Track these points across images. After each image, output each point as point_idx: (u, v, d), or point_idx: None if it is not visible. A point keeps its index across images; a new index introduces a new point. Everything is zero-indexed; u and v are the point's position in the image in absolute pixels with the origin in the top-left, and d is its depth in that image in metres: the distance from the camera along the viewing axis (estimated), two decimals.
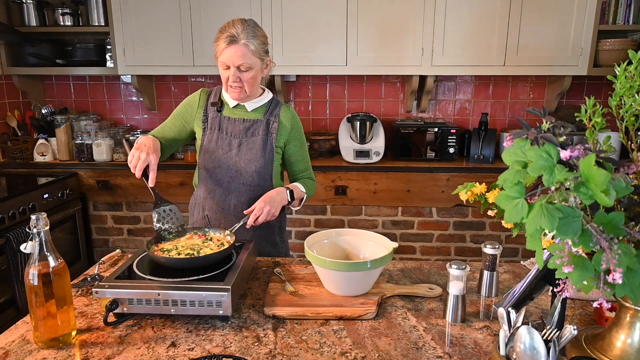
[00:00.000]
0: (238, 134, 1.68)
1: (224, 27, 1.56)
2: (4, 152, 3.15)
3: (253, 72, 1.58)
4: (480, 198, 1.14)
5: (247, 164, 1.66)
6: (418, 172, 2.93)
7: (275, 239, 1.79)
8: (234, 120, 1.68)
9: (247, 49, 1.53)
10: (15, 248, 2.38)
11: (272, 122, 1.69)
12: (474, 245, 3.04)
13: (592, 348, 0.99)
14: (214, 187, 1.70)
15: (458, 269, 1.17)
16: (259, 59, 1.57)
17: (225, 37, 1.52)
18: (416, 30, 2.85)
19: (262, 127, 1.68)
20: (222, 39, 1.53)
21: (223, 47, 1.53)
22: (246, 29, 1.53)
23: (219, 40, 1.55)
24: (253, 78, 1.59)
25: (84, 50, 3.15)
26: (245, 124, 1.68)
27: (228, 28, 1.54)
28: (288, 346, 1.08)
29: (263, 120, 1.69)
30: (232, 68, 1.55)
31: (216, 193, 1.71)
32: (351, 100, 3.37)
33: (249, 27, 1.55)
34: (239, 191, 1.68)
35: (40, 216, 1.04)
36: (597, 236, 0.74)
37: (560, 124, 0.81)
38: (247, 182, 1.68)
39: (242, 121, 1.68)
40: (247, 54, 1.53)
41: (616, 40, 2.81)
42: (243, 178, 1.67)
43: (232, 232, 1.43)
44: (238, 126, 1.68)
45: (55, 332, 1.07)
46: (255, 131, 1.68)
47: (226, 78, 1.59)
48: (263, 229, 1.73)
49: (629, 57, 0.89)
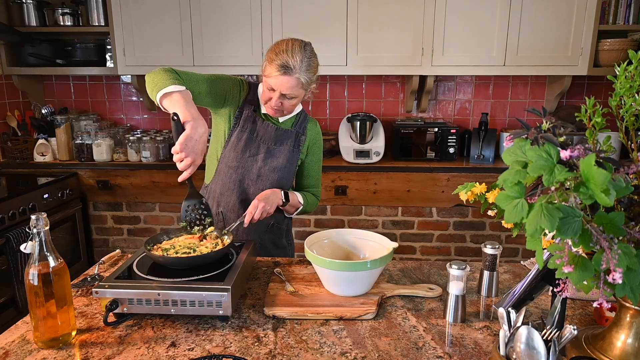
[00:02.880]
0: (268, 140, 1.66)
1: (280, 49, 1.47)
2: (4, 152, 3.15)
3: (296, 100, 1.56)
4: (480, 198, 1.14)
5: (271, 171, 1.66)
6: (418, 172, 2.93)
7: (282, 242, 1.80)
8: (267, 125, 1.66)
9: (298, 82, 1.48)
10: (15, 248, 2.38)
11: (300, 135, 1.70)
12: (474, 245, 3.04)
13: (592, 348, 0.99)
14: (233, 185, 1.67)
15: (458, 269, 1.18)
16: (305, 89, 1.55)
17: (280, 64, 1.45)
18: (416, 30, 2.85)
19: (291, 139, 1.68)
20: (276, 64, 1.45)
21: (275, 73, 1.46)
22: (304, 61, 1.47)
23: (272, 64, 1.46)
24: (294, 105, 1.58)
25: (84, 50, 3.15)
26: (277, 132, 1.67)
27: (285, 54, 1.45)
28: (288, 346, 1.08)
29: (293, 131, 1.69)
30: (278, 92, 1.50)
31: (234, 192, 1.67)
32: (351, 100, 3.37)
33: (307, 58, 1.48)
34: (257, 195, 1.64)
35: (40, 216, 1.04)
36: (597, 236, 0.74)
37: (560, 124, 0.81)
38: (266, 189, 1.65)
39: (274, 128, 1.66)
40: (297, 86, 1.49)
41: (616, 40, 2.81)
42: (264, 184, 1.66)
43: (229, 231, 1.43)
44: (270, 132, 1.66)
45: (55, 332, 1.07)
46: (284, 141, 1.67)
47: (268, 98, 1.54)
48: (273, 233, 1.74)
49: (629, 57, 0.89)
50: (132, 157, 3.08)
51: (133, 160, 3.08)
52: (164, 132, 3.24)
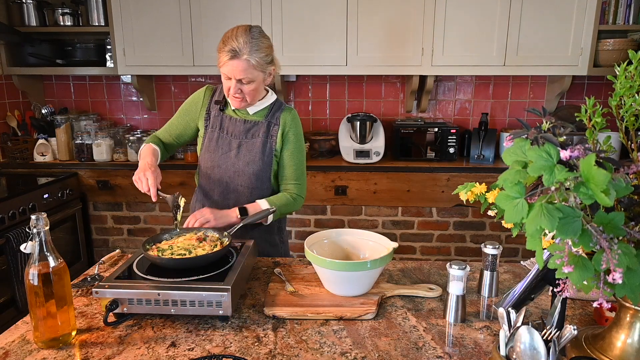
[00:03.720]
0: (238, 135, 1.68)
1: (227, 36, 1.53)
2: (4, 152, 3.15)
3: (254, 85, 1.57)
4: (480, 198, 1.14)
5: (246, 165, 1.66)
6: (418, 172, 2.93)
7: (274, 239, 1.79)
8: (235, 120, 1.68)
9: (248, 64, 1.50)
10: (15, 248, 2.38)
11: (273, 125, 1.68)
12: (474, 245, 3.04)
13: (592, 348, 0.99)
14: (214, 186, 1.71)
15: (458, 269, 1.17)
16: (261, 71, 1.56)
17: (227, 50, 1.49)
18: (416, 30, 2.85)
19: (262, 130, 1.68)
20: (224, 51, 1.50)
21: (225, 60, 1.51)
22: (249, 42, 1.50)
23: (221, 52, 1.52)
24: (255, 90, 1.59)
25: (84, 50, 3.15)
26: (247, 125, 1.68)
27: (230, 40, 1.50)
28: (288, 346, 1.08)
29: (264, 122, 1.68)
30: (233, 80, 1.54)
31: (215, 193, 1.71)
32: (351, 100, 3.37)
33: (253, 39, 1.51)
34: (237, 192, 1.69)
35: (40, 216, 1.04)
36: (597, 236, 0.74)
37: (560, 124, 0.81)
38: (245, 184, 1.68)
39: (243, 122, 1.68)
40: (249, 68, 1.51)
41: (616, 40, 2.81)
42: (241, 179, 1.68)
43: (229, 233, 1.43)
44: (239, 127, 1.68)
45: (55, 332, 1.07)
46: (255, 133, 1.68)
47: (228, 88, 1.58)
48: (262, 229, 1.73)
49: (629, 57, 0.89)
50: (132, 157, 3.08)
51: (133, 160, 3.08)
52: None
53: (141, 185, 1.48)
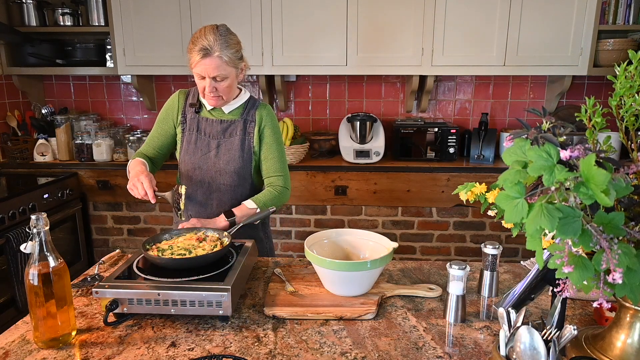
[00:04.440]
0: (216, 135, 1.70)
1: (195, 37, 1.55)
2: (4, 152, 3.15)
3: (229, 81, 1.59)
4: (480, 198, 1.14)
5: (226, 164, 1.69)
6: (418, 172, 2.93)
7: (258, 234, 1.80)
8: (211, 121, 1.71)
9: (220, 60, 1.53)
10: (15, 248, 2.38)
11: (249, 122, 1.71)
12: (474, 245, 3.04)
13: (592, 348, 0.99)
14: (196, 187, 1.73)
15: (458, 269, 1.18)
16: (233, 67, 1.58)
17: (198, 49, 1.51)
18: (416, 30, 2.85)
19: (239, 128, 1.70)
20: (195, 51, 1.52)
21: (197, 59, 1.53)
22: (219, 39, 1.52)
23: (192, 52, 1.54)
24: (229, 86, 1.61)
25: (84, 50, 3.15)
26: (223, 125, 1.70)
27: (200, 39, 1.52)
28: (288, 346, 1.08)
29: (240, 120, 1.71)
30: (208, 79, 1.56)
31: (198, 193, 1.73)
32: (351, 100, 3.37)
33: (222, 36, 1.53)
34: (220, 191, 1.71)
35: (40, 216, 1.04)
36: (597, 236, 0.74)
37: (560, 124, 0.81)
38: (227, 183, 1.70)
39: (219, 122, 1.70)
40: (222, 65, 1.54)
41: (616, 40, 2.81)
42: (223, 178, 1.70)
43: (229, 233, 1.43)
44: (216, 127, 1.70)
45: (55, 332, 1.07)
46: (232, 132, 1.70)
47: (202, 88, 1.60)
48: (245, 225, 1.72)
49: (629, 57, 0.89)
50: (132, 157, 3.08)
51: None
52: None
53: (137, 191, 1.48)
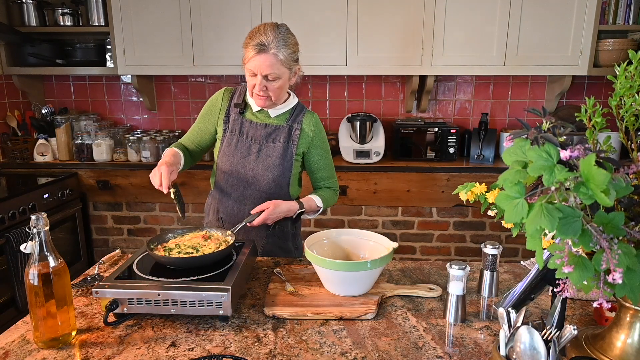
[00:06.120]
0: (259, 139, 1.64)
1: (254, 31, 1.49)
2: (4, 152, 3.15)
3: (280, 82, 1.53)
4: (480, 198, 1.14)
5: (265, 170, 1.63)
6: (418, 172, 2.93)
7: (288, 246, 1.75)
8: (255, 125, 1.64)
9: (276, 58, 1.47)
10: (15, 248, 2.38)
11: (294, 129, 1.65)
12: (474, 245, 3.04)
13: (592, 348, 0.99)
14: (230, 190, 1.67)
15: (458, 269, 1.18)
16: (287, 68, 1.52)
17: (255, 44, 1.46)
18: (416, 30, 2.85)
19: (283, 134, 1.64)
20: (251, 46, 1.47)
21: (252, 54, 1.47)
22: (277, 37, 1.46)
23: (248, 47, 1.48)
24: (280, 87, 1.54)
25: (84, 50, 3.15)
26: (267, 129, 1.64)
27: (258, 35, 1.47)
28: (288, 346, 1.08)
29: (285, 126, 1.64)
30: (259, 76, 1.49)
31: (232, 197, 1.68)
32: (351, 100, 3.37)
33: (281, 34, 1.48)
34: (254, 197, 1.65)
35: (40, 216, 1.04)
36: (597, 236, 0.74)
37: (560, 124, 0.81)
38: (263, 189, 1.64)
39: (264, 126, 1.64)
40: (276, 64, 1.47)
41: (616, 40, 2.81)
42: (259, 184, 1.64)
43: (233, 232, 1.43)
44: (259, 131, 1.64)
45: (55, 332, 1.07)
46: (276, 137, 1.64)
47: (252, 85, 1.53)
48: (277, 236, 1.71)
49: (629, 57, 0.89)
50: (132, 157, 3.08)
51: (133, 160, 3.08)
52: (164, 132, 3.24)
53: (155, 179, 1.43)
